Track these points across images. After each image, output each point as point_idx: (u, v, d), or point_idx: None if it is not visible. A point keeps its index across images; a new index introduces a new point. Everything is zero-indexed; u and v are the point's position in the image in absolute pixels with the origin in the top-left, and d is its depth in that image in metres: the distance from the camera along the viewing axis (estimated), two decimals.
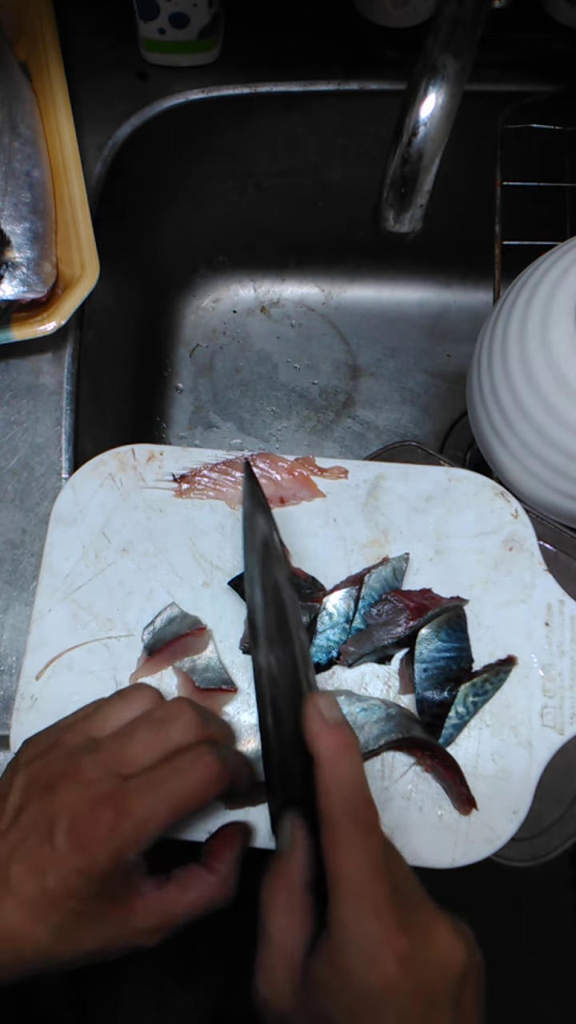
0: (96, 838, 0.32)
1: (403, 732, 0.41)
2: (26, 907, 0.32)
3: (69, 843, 0.32)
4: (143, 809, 0.33)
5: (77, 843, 0.32)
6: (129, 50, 0.66)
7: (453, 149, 0.44)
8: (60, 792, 0.34)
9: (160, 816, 0.33)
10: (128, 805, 0.33)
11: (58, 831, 0.33)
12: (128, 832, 0.33)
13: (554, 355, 0.43)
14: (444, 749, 0.42)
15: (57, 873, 0.32)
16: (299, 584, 0.45)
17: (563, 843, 0.44)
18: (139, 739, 0.35)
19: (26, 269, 0.53)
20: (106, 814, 0.33)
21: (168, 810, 0.33)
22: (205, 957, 0.75)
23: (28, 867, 0.33)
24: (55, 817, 0.33)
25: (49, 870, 0.32)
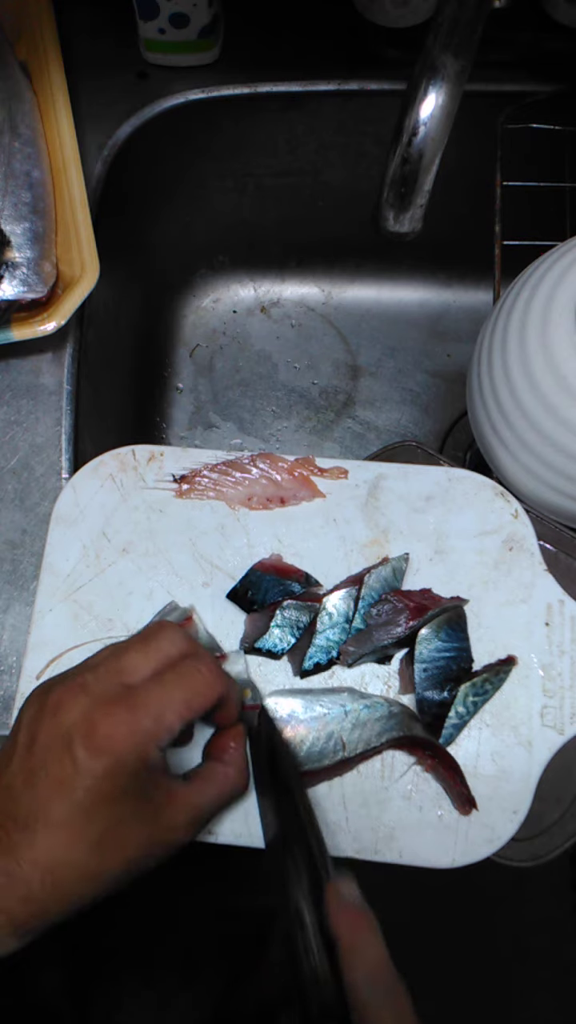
0: (116, 737, 0.33)
1: (405, 730, 0.41)
2: (59, 828, 0.32)
3: (89, 750, 0.33)
4: (156, 704, 0.34)
5: (97, 747, 0.33)
6: (129, 50, 0.66)
7: (453, 149, 0.44)
8: (68, 709, 0.34)
9: (175, 708, 0.34)
10: (141, 702, 0.34)
11: (75, 743, 0.33)
12: (147, 726, 0.33)
13: (554, 355, 0.43)
14: (445, 749, 0.42)
15: (84, 783, 0.32)
16: (293, 586, 0.45)
17: (563, 843, 0.44)
18: (133, 651, 0.36)
19: (26, 269, 0.53)
20: (120, 714, 0.33)
21: (181, 702, 0.34)
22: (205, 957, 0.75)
23: (51, 788, 0.33)
24: (69, 731, 0.33)
25: (75, 783, 0.32)
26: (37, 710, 0.35)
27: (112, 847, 0.33)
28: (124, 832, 0.33)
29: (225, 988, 0.75)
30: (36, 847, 0.32)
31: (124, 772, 0.33)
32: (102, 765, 0.32)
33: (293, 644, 0.44)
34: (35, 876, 0.32)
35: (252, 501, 0.47)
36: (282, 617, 0.44)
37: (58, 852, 0.32)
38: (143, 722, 0.33)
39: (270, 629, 0.44)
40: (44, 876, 0.32)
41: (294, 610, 0.44)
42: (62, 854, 0.32)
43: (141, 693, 0.34)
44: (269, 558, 0.46)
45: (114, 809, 0.33)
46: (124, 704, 0.34)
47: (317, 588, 0.46)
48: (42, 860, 0.32)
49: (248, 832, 0.41)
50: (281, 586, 0.45)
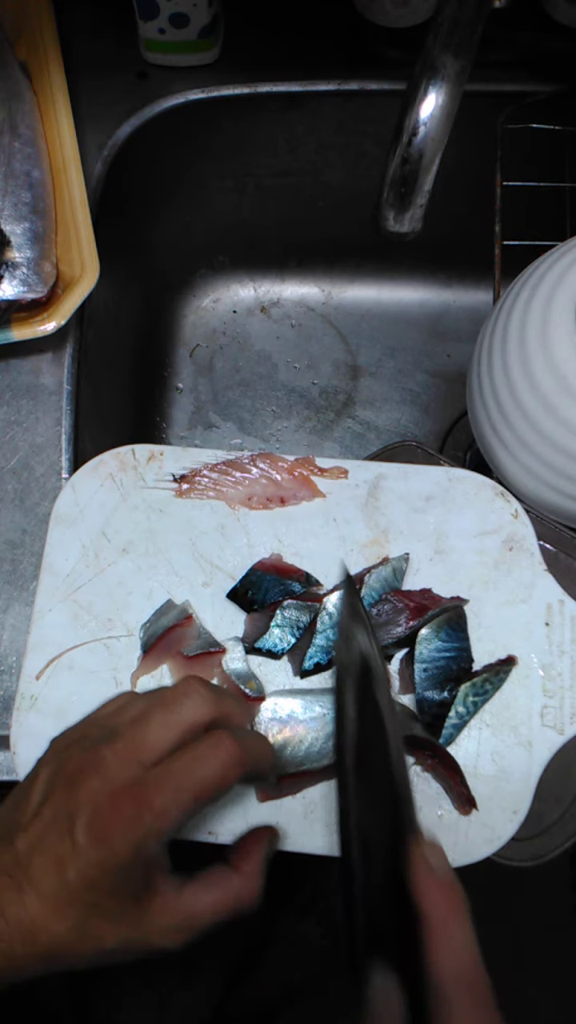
0: (115, 830, 0.32)
1: (404, 730, 0.41)
2: (46, 900, 0.32)
3: (88, 836, 0.32)
4: (162, 799, 0.33)
5: (96, 835, 0.32)
6: (129, 50, 0.65)
7: (453, 149, 0.44)
8: (81, 785, 0.33)
9: (181, 804, 0.33)
10: (147, 795, 0.33)
11: (78, 824, 0.33)
12: (148, 823, 0.33)
13: (554, 355, 0.43)
14: (444, 748, 0.42)
15: (77, 866, 0.32)
16: (293, 586, 0.45)
17: (563, 843, 0.44)
18: (154, 723, 0.35)
19: (26, 269, 0.53)
20: (125, 805, 0.33)
21: (189, 797, 0.33)
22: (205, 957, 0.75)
23: (49, 860, 0.33)
24: (76, 810, 0.33)
25: (69, 863, 0.32)
26: (54, 773, 0.35)
27: (90, 934, 0.33)
28: (102, 926, 0.33)
29: (225, 988, 0.75)
30: (24, 910, 0.32)
31: (115, 867, 0.32)
32: (97, 855, 0.32)
33: (293, 644, 0.44)
34: (17, 936, 0.32)
35: (252, 501, 0.47)
36: (282, 617, 0.44)
37: (41, 921, 0.32)
38: (145, 818, 0.32)
39: (270, 629, 0.44)
40: (25, 938, 0.32)
41: (294, 610, 0.44)
42: (44, 924, 0.32)
43: (152, 785, 0.33)
44: (269, 558, 0.46)
45: (98, 899, 0.33)
46: (131, 795, 0.33)
47: (317, 588, 0.46)
48: (26, 923, 0.32)
49: None
50: (281, 586, 0.45)
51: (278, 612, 0.44)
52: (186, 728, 0.35)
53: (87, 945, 0.33)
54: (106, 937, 0.33)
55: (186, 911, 0.35)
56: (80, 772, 0.34)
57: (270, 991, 0.75)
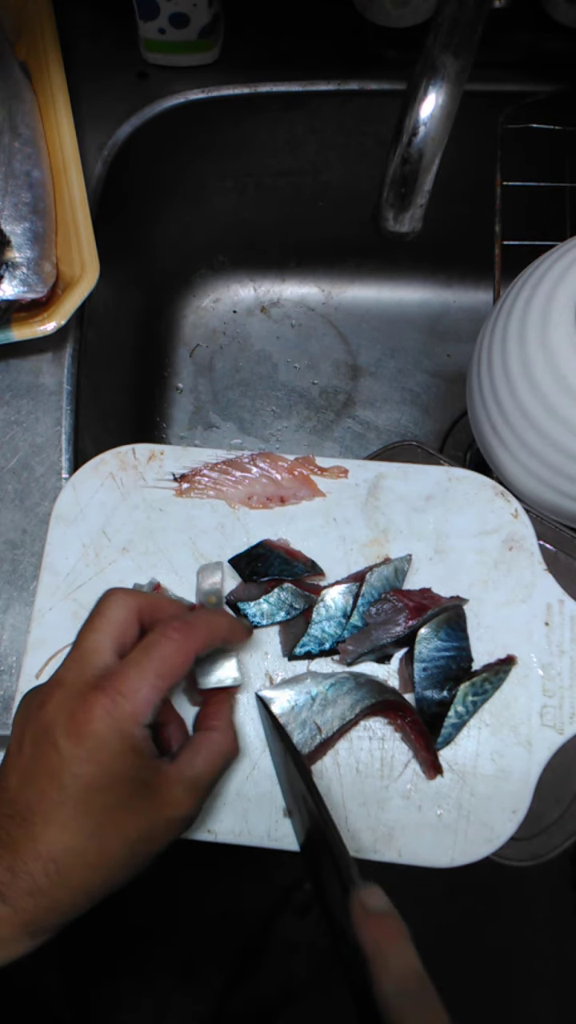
0: (93, 721, 0.33)
1: (376, 696, 0.42)
2: (54, 821, 0.32)
3: (70, 738, 0.33)
4: (128, 682, 0.34)
5: (78, 733, 0.33)
6: (129, 50, 0.66)
7: (453, 149, 0.44)
8: (47, 704, 0.34)
9: (147, 681, 0.34)
10: (112, 685, 0.34)
11: (57, 733, 0.33)
12: (123, 706, 0.33)
13: (554, 355, 0.43)
14: (414, 713, 0.42)
15: (71, 771, 0.33)
16: (298, 567, 0.45)
17: (562, 843, 0.44)
18: (87, 631, 0.36)
19: (26, 269, 0.53)
20: (94, 698, 0.34)
21: (152, 674, 0.34)
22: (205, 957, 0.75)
23: (43, 780, 0.33)
24: (50, 724, 0.34)
25: (62, 773, 0.33)
26: (24, 711, 0.36)
27: (110, 832, 0.33)
28: (120, 815, 0.33)
29: (224, 989, 0.75)
30: (36, 840, 0.32)
31: (109, 756, 0.33)
32: (85, 751, 0.33)
33: (273, 623, 0.44)
34: (38, 868, 0.32)
35: (252, 500, 0.47)
36: (277, 596, 0.44)
37: (57, 842, 0.32)
38: (117, 704, 0.34)
39: (260, 600, 0.44)
40: (47, 867, 0.32)
41: (291, 594, 0.44)
42: (61, 843, 0.32)
43: (113, 675, 0.34)
44: (278, 540, 0.46)
45: (106, 794, 0.33)
46: (98, 689, 0.34)
47: (319, 578, 0.46)
48: (43, 852, 0.32)
49: (247, 831, 0.41)
50: (287, 565, 0.45)
51: (276, 590, 0.44)
52: (115, 625, 0.36)
53: (113, 844, 0.33)
54: (127, 826, 0.34)
55: (188, 775, 0.36)
56: (44, 696, 0.35)
57: (270, 991, 0.75)
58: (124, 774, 0.34)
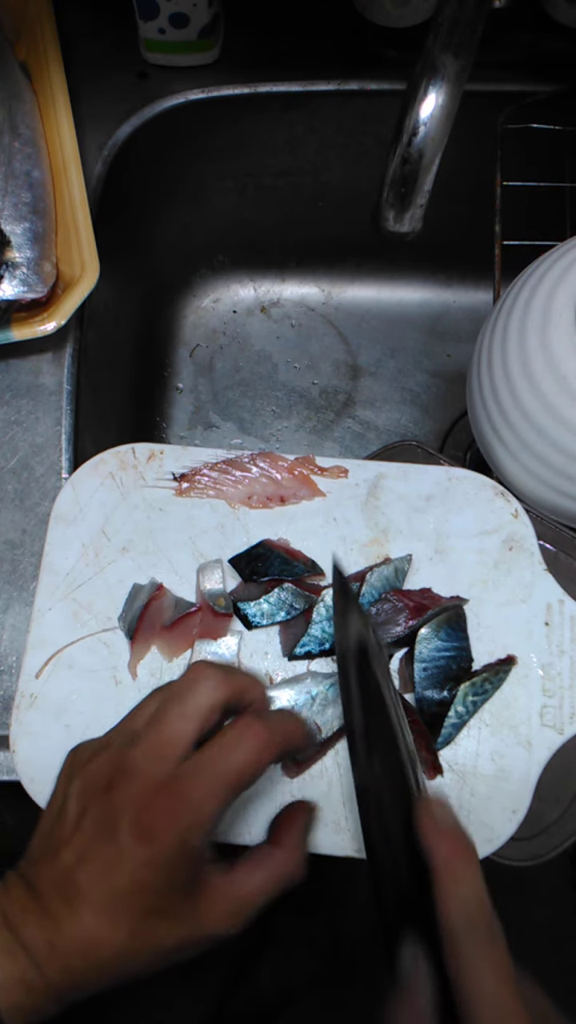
0: (158, 827, 0.32)
1: None
2: (100, 912, 0.32)
3: (133, 837, 0.32)
4: (199, 790, 0.33)
5: (141, 835, 0.32)
6: (129, 50, 0.66)
7: (453, 149, 0.44)
8: (117, 791, 0.33)
9: (217, 793, 0.33)
10: (184, 789, 0.33)
11: (121, 828, 0.33)
12: (189, 816, 0.33)
13: (554, 355, 0.43)
14: (414, 712, 0.42)
15: (126, 870, 0.32)
16: (298, 567, 0.45)
17: (563, 843, 0.44)
18: (171, 716, 0.35)
19: (26, 269, 0.53)
20: (164, 801, 0.33)
21: (224, 786, 0.33)
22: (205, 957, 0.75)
23: (97, 869, 0.33)
24: (116, 815, 0.33)
25: (118, 868, 0.32)
26: (87, 784, 0.35)
27: (148, 937, 0.33)
28: (158, 925, 0.33)
29: (225, 988, 0.75)
30: (79, 925, 0.32)
31: (163, 864, 0.32)
32: (144, 854, 0.32)
33: (273, 623, 0.44)
34: (75, 951, 0.32)
35: (252, 500, 0.47)
36: (277, 596, 0.44)
37: (98, 932, 0.32)
38: (186, 814, 0.33)
39: (260, 600, 0.44)
40: (85, 952, 0.32)
41: (290, 594, 0.44)
42: (101, 934, 0.32)
43: (187, 779, 0.33)
44: (278, 540, 0.46)
45: (152, 900, 0.33)
46: (168, 791, 0.33)
47: (319, 578, 0.46)
48: (83, 938, 0.32)
49: (249, 832, 0.41)
50: (287, 565, 0.45)
51: (276, 590, 0.44)
52: (203, 713, 0.35)
53: (147, 949, 0.33)
54: (165, 937, 0.33)
55: (237, 894, 0.35)
56: (113, 778, 0.34)
57: (270, 991, 0.75)
58: (172, 885, 0.33)
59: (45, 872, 0.34)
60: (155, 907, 0.33)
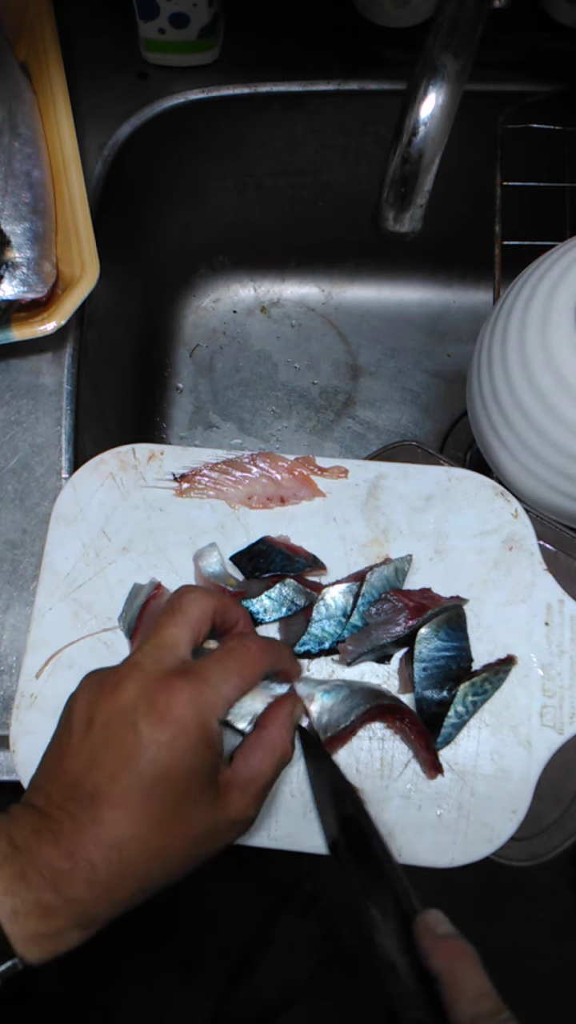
0: (178, 706, 0.32)
1: (371, 701, 0.42)
2: (122, 806, 0.31)
3: (152, 722, 0.32)
4: (214, 675, 0.34)
5: (160, 718, 0.32)
6: (129, 50, 0.66)
7: (453, 149, 0.44)
8: (126, 687, 0.33)
9: (231, 680, 0.34)
10: (198, 674, 0.34)
11: (138, 716, 0.32)
12: (207, 695, 0.33)
13: (554, 355, 0.43)
14: (413, 713, 0.42)
15: (148, 755, 0.32)
16: (300, 562, 0.45)
17: (562, 843, 0.44)
18: (166, 626, 0.36)
19: (26, 269, 0.53)
20: (180, 684, 0.33)
21: (235, 674, 0.35)
22: (205, 957, 0.75)
23: (115, 762, 0.32)
24: (130, 706, 0.33)
25: (139, 756, 0.32)
26: (92, 694, 0.34)
27: (176, 825, 0.32)
28: (188, 809, 0.33)
29: (225, 988, 0.75)
30: (102, 824, 0.31)
31: (187, 745, 0.32)
32: (166, 736, 0.32)
33: (276, 619, 0.44)
34: (100, 855, 0.31)
35: (252, 500, 0.47)
36: (279, 592, 0.44)
37: (122, 828, 0.31)
38: (203, 692, 0.33)
39: (262, 596, 0.44)
40: (110, 853, 0.31)
41: (292, 590, 0.44)
42: (126, 830, 0.31)
43: (197, 666, 0.34)
44: (278, 537, 0.46)
45: (178, 785, 0.32)
46: (183, 676, 0.34)
47: (321, 573, 0.46)
48: (107, 837, 0.31)
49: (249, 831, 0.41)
50: (288, 561, 0.45)
51: (277, 585, 0.44)
52: (194, 621, 0.36)
53: (177, 842, 0.32)
54: (191, 824, 0.33)
55: (245, 776, 0.35)
56: (121, 679, 0.34)
57: (270, 991, 0.75)
58: (197, 767, 0.33)
59: (54, 788, 0.33)
60: (179, 795, 0.32)
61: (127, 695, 0.33)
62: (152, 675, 0.34)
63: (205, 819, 0.33)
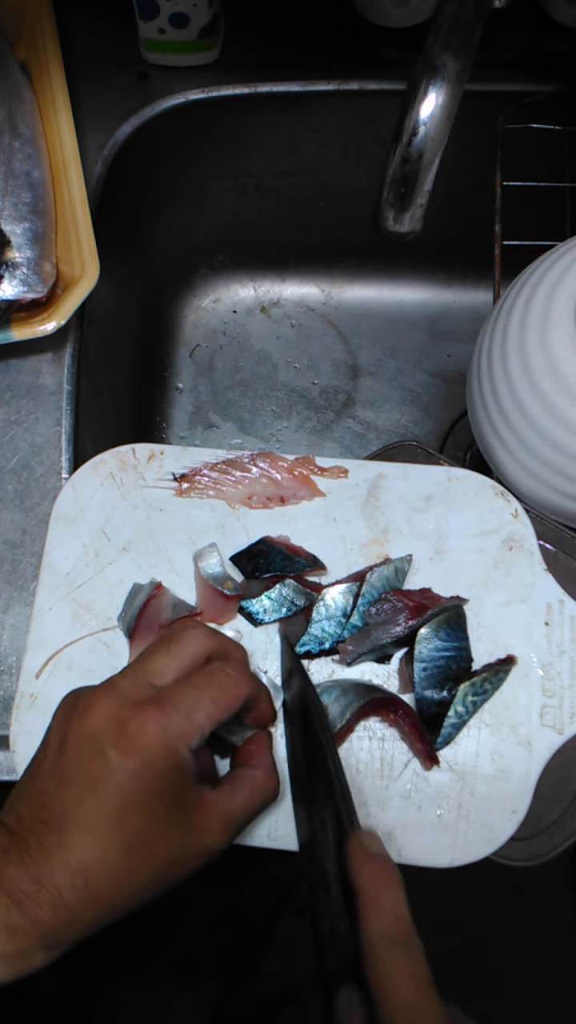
0: (146, 735, 0.32)
1: (365, 697, 0.42)
2: (89, 831, 0.31)
3: (120, 748, 0.32)
4: (185, 703, 0.34)
5: (128, 746, 0.32)
6: (129, 50, 0.66)
7: (453, 149, 0.44)
8: (97, 710, 0.33)
9: (204, 708, 0.34)
10: (169, 702, 0.33)
11: (106, 742, 0.32)
12: (177, 725, 0.33)
13: (554, 355, 0.43)
14: (407, 704, 0.42)
15: (115, 782, 0.32)
16: (300, 562, 0.45)
17: (562, 843, 0.44)
18: (157, 654, 0.36)
19: (26, 269, 0.53)
20: (150, 712, 0.33)
21: (210, 702, 0.34)
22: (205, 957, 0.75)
23: (82, 787, 0.32)
24: (99, 731, 0.33)
25: (106, 783, 0.32)
26: (67, 713, 0.35)
27: (142, 851, 0.32)
28: (154, 836, 0.33)
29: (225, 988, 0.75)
30: (67, 849, 0.31)
31: (154, 772, 0.32)
32: (132, 764, 0.32)
33: (276, 619, 0.44)
34: (65, 880, 0.31)
35: (252, 500, 0.47)
36: (279, 592, 0.44)
37: (88, 853, 0.31)
38: (173, 720, 0.33)
39: (262, 597, 0.44)
40: (75, 879, 0.31)
41: (292, 590, 0.44)
42: (93, 855, 0.31)
43: (170, 693, 0.34)
44: (278, 537, 0.46)
45: (145, 811, 0.32)
46: (153, 704, 0.33)
47: (321, 573, 0.46)
48: (73, 862, 0.31)
49: (247, 831, 0.41)
50: (288, 561, 0.45)
51: (277, 586, 0.44)
52: (187, 658, 0.36)
53: (142, 864, 0.32)
54: (159, 848, 0.33)
55: (226, 808, 0.35)
56: (94, 701, 0.34)
57: (270, 991, 0.75)
58: (165, 794, 0.33)
59: (25, 808, 0.33)
60: (147, 821, 0.32)
61: (98, 719, 0.33)
62: (126, 700, 0.34)
63: (173, 845, 0.33)
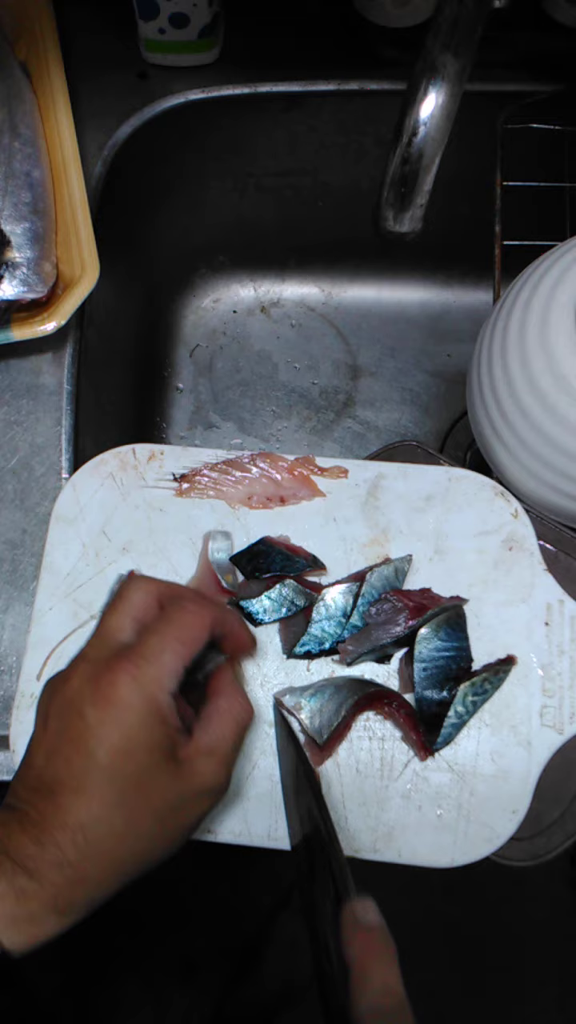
0: (120, 687, 0.33)
1: (358, 692, 0.42)
2: (81, 791, 0.32)
3: (97, 705, 0.33)
4: (151, 649, 0.34)
5: (104, 700, 0.33)
6: (129, 50, 0.66)
7: (453, 149, 0.44)
8: (72, 678, 0.34)
9: (171, 648, 0.34)
10: (137, 652, 0.34)
11: (83, 702, 0.33)
12: (148, 670, 0.33)
13: (554, 355, 0.43)
14: (402, 696, 0.43)
15: (96, 738, 0.32)
16: (300, 562, 0.45)
17: (562, 843, 0.44)
18: (109, 613, 0.37)
19: (26, 269, 0.53)
20: (118, 665, 0.34)
21: (175, 640, 0.34)
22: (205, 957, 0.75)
23: (69, 751, 0.33)
24: (75, 695, 0.34)
25: (88, 740, 0.32)
26: (48, 693, 0.36)
27: (136, 800, 0.33)
28: (147, 784, 0.33)
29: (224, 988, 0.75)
30: (62, 810, 0.32)
31: (135, 721, 0.33)
32: (110, 716, 0.33)
33: (276, 619, 0.44)
34: (66, 838, 0.31)
35: (252, 500, 0.47)
36: (279, 592, 0.44)
37: (84, 810, 0.32)
38: (141, 668, 0.33)
39: (262, 597, 0.44)
40: (75, 836, 0.32)
41: (292, 590, 0.44)
42: (88, 811, 0.32)
43: (135, 645, 0.35)
44: (278, 537, 0.46)
45: (131, 761, 0.33)
46: (123, 657, 0.34)
47: (321, 574, 0.46)
48: (71, 822, 0.32)
49: (247, 831, 0.41)
50: (288, 561, 0.45)
51: (277, 586, 0.44)
52: (137, 607, 0.36)
53: (140, 814, 0.33)
54: (153, 794, 0.33)
55: (208, 744, 0.36)
56: (68, 673, 0.35)
57: (270, 991, 0.75)
58: (150, 741, 0.33)
59: (20, 785, 0.34)
60: (135, 770, 0.33)
61: (73, 686, 0.34)
62: (95, 663, 0.35)
63: (169, 792, 0.34)
